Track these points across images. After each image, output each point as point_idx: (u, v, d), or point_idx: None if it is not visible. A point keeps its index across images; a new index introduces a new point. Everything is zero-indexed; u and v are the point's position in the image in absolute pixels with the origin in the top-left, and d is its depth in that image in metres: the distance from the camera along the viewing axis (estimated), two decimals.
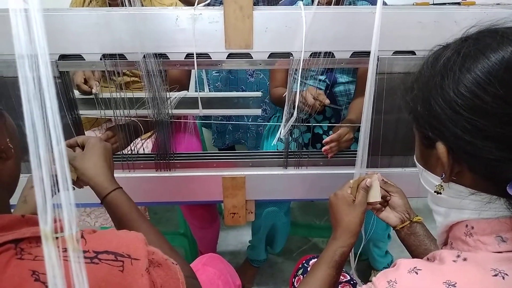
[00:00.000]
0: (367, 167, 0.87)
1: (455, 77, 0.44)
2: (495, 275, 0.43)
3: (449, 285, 0.44)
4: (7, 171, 0.43)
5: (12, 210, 0.48)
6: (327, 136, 1.25)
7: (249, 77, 1.70)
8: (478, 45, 0.45)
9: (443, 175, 0.50)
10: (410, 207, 0.80)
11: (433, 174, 0.53)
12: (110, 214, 0.65)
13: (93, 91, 1.00)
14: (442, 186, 0.51)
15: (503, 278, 0.43)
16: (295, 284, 0.92)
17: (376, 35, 0.69)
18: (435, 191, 0.52)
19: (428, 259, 0.53)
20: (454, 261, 0.47)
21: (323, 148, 0.98)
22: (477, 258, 0.46)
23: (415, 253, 0.76)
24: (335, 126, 1.05)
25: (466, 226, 0.49)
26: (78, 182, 0.67)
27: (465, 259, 0.47)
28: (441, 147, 0.47)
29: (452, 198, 0.51)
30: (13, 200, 0.48)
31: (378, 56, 0.84)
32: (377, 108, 0.90)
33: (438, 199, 0.54)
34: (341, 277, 0.88)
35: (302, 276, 0.91)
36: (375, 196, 0.77)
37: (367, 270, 1.50)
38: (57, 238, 0.32)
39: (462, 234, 0.50)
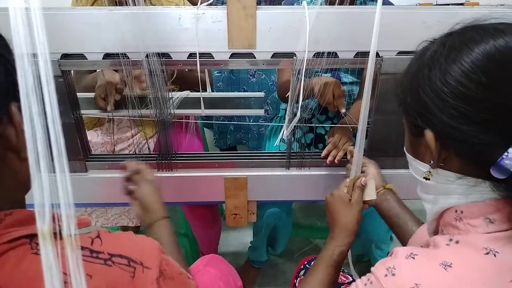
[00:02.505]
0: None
1: (441, 68, 0.48)
2: (487, 253, 0.46)
3: (445, 266, 0.47)
4: (25, 170, 0.43)
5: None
6: None
7: (251, 77, 1.70)
8: (462, 38, 0.48)
9: (432, 162, 0.52)
10: (383, 177, 0.85)
11: (422, 162, 0.56)
12: (153, 234, 0.72)
13: (108, 108, 1.01)
14: (430, 172, 0.54)
15: (495, 255, 0.46)
16: (296, 285, 0.92)
17: (375, 35, 0.69)
18: (424, 177, 0.55)
19: (422, 246, 0.55)
20: (447, 244, 0.50)
21: (328, 160, 0.98)
22: (469, 240, 0.49)
23: (387, 217, 0.81)
24: (329, 130, 1.05)
25: (456, 211, 0.52)
26: (135, 202, 0.76)
27: (457, 242, 0.50)
28: (429, 134, 0.50)
29: (440, 184, 0.54)
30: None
31: (382, 57, 0.84)
32: (381, 108, 0.90)
33: (427, 187, 0.57)
34: (343, 278, 0.87)
35: (303, 277, 0.91)
36: (371, 194, 0.79)
37: (368, 272, 1.50)
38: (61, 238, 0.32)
39: (452, 219, 0.52)
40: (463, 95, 0.46)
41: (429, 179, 0.55)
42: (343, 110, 0.98)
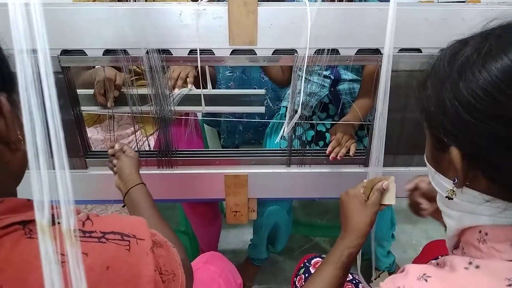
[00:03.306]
0: (368, 165, 0.85)
1: (474, 79, 0.41)
2: (509, 285, 0.41)
3: None
4: (16, 161, 0.44)
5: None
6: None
7: (264, 76, 1.68)
8: (501, 44, 0.41)
9: (456, 180, 0.47)
10: None
11: (445, 177, 0.49)
12: (132, 200, 0.76)
13: (108, 104, 1.02)
14: (454, 191, 0.48)
15: None
16: (296, 283, 0.91)
17: (390, 32, 0.68)
18: (446, 196, 0.49)
19: (438, 264, 0.50)
20: (466, 268, 0.45)
21: (331, 157, 0.97)
22: (491, 266, 0.44)
23: None
24: (331, 127, 1.04)
25: (480, 231, 0.47)
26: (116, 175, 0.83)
27: (477, 267, 0.44)
28: (455, 153, 0.44)
29: (465, 203, 0.48)
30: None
31: (383, 54, 0.84)
32: None
33: (449, 202, 0.51)
34: None
35: (303, 276, 0.91)
36: (390, 199, 0.74)
37: (368, 270, 1.50)
38: (58, 223, 0.33)
39: (475, 240, 0.47)
40: (497, 113, 0.39)
41: (452, 198, 0.49)
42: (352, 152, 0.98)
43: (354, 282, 0.88)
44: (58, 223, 0.34)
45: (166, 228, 0.70)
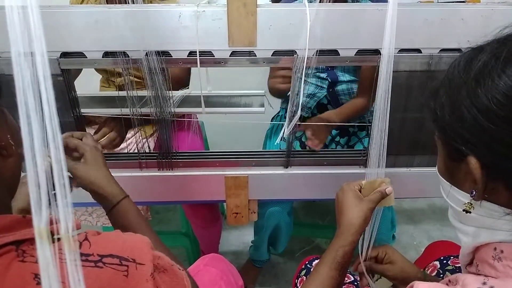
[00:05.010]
0: (367, 166, 0.84)
1: (493, 84, 0.40)
2: None
3: None
4: (8, 168, 0.42)
5: None
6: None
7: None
8: None
9: (474, 192, 0.44)
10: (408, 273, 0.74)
11: (461, 190, 0.47)
12: (117, 220, 0.66)
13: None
14: (472, 204, 0.46)
15: None
16: (298, 285, 0.91)
17: (389, 32, 0.68)
18: (463, 210, 0.47)
19: (450, 281, 0.48)
20: None
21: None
22: (507, 287, 0.41)
23: None
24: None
25: (495, 249, 0.44)
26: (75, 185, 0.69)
27: None
28: (473, 162, 0.42)
29: (482, 217, 0.45)
30: None
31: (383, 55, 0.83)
32: None
33: (464, 217, 0.48)
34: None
35: (305, 277, 0.90)
36: (390, 201, 0.73)
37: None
38: (59, 239, 0.32)
39: (489, 257, 0.45)
40: None
41: (470, 212, 0.46)
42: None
43: (355, 283, 0.87)
44: (58, 239, 0.32)
45: (165, 250, 0.63)
